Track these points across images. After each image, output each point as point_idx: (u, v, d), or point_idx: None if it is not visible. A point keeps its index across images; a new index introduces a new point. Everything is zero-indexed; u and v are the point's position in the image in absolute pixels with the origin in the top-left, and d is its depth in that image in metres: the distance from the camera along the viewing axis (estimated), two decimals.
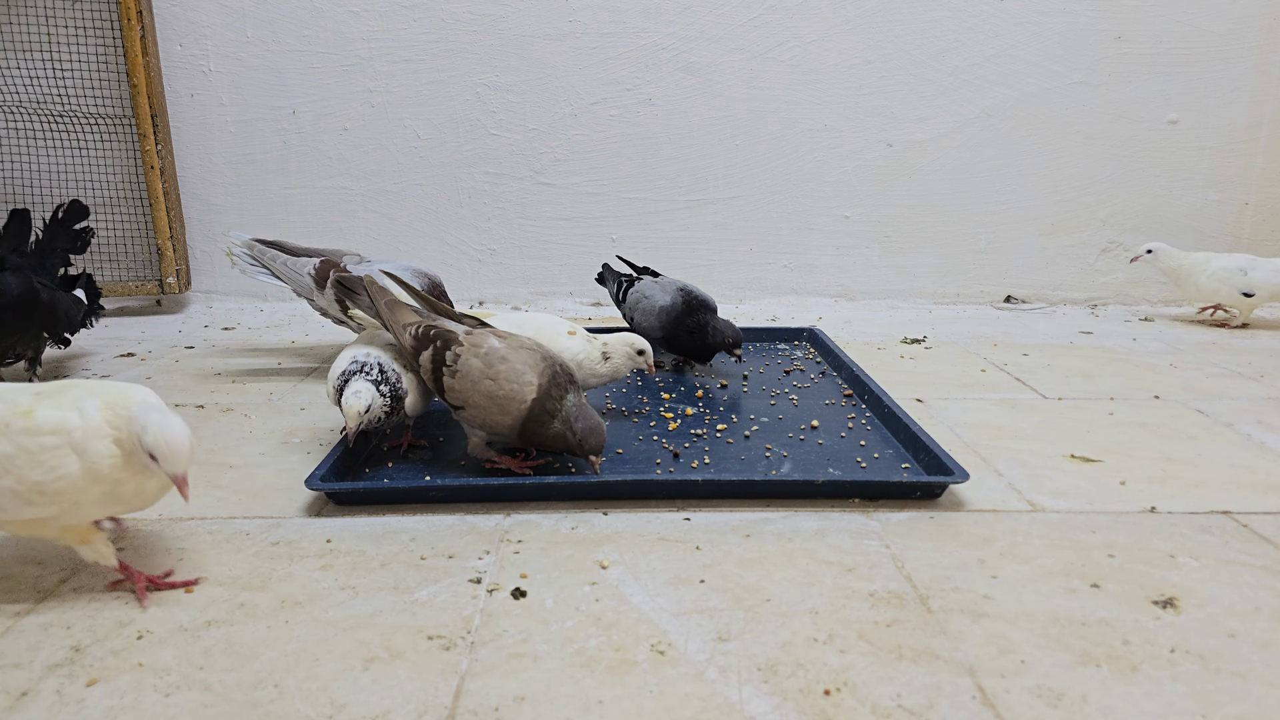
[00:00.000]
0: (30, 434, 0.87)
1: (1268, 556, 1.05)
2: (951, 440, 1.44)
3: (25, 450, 0.87)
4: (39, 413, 0.88)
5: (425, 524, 1.13)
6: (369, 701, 0.78)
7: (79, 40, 2.34)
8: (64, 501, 0.89)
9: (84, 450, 0.88)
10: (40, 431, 0.87)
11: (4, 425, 0.88)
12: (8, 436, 0.87)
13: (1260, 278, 2.22)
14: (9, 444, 0.87)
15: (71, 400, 0.90)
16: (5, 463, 0.87)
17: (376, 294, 1.35)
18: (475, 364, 1.21)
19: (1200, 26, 2.44)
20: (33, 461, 0.87)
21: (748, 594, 0.96)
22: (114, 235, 2.48)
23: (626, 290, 1.86)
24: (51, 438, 0.87)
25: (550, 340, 1.42)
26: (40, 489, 0.87)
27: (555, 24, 2.43)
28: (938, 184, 2.56)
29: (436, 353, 1.24)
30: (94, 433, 0.88)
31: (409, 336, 1.28)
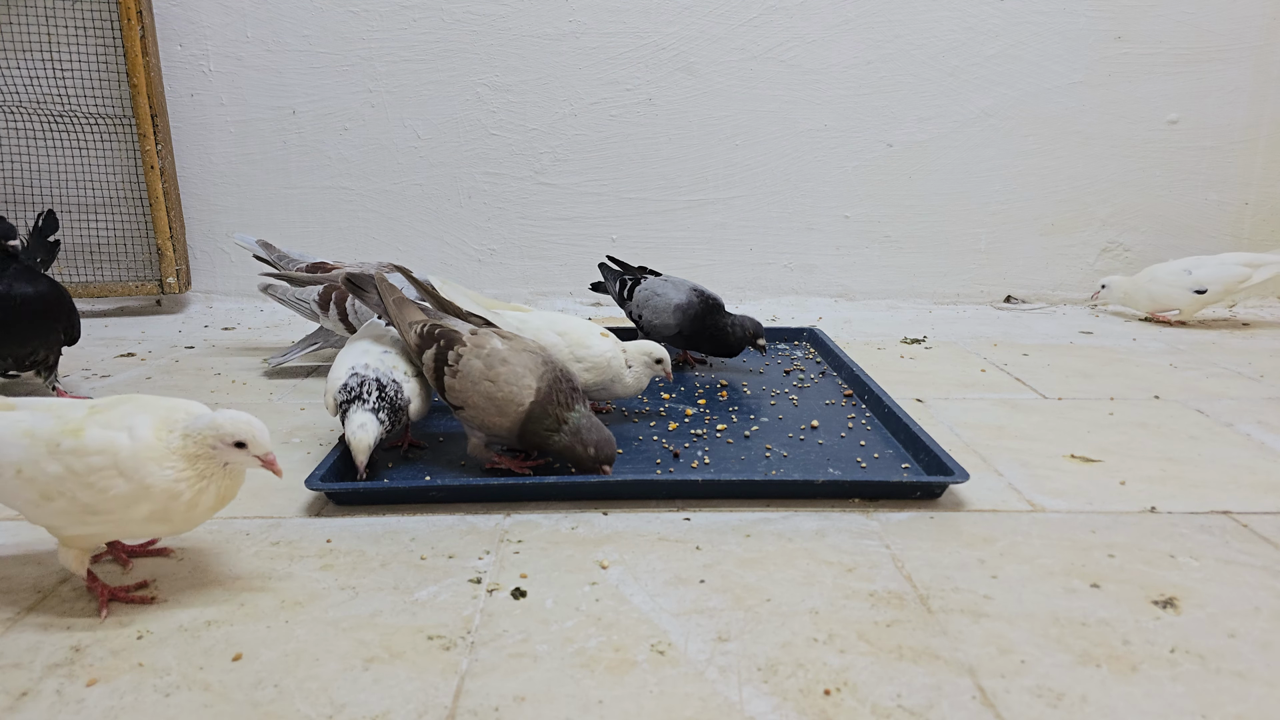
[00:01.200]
0: (78, 455, 0.87)
1: (1268, 556, 1.05)
2: (951, 440, 1.44)
3: (74, 472, 0.87)
4: (88, 432, 0.87)
5: (425, 524, 1.13)
6: (369, 701, 0.78)
7: (79, 40, 2.34)
8: (115, 520, 0.89)
9: (131, 471, 0.87)
10: (88, 452, 0.86)
11: (54, 445, 0.87)
12: (57, 457, 0.87)
13: (1209, 273, 2.23)
14: (59, 465, 0.87)
15: (121, 418, 0.89)
16: (57, 484, 0.87)
17: (385, 291, 1.35)
18: (476, 365, 1.21)
19: (1200, 26, 2.44)
20: (81, 483, 0.87)
21: (748, 594, 0.96)
22: (114, 235, 2.48)
23: (632, 288, 1.86)
24: (99, 458, 0.86)
25: (580, 341, 1.42)
26: (91, 509, 0.87)
27: (555, 24, 2.43)
28: (938, 184, 2.56)
29: (439, 352, 1.24)
30: (144, 453, 0.87)
31: (414, 335, 1.28)
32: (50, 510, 0.88)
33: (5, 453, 0.88)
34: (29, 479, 0.87)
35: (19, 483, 0.88)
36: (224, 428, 0.88)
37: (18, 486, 0.88)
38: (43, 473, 0.87)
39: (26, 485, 0.87)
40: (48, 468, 0.87)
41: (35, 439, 0.88)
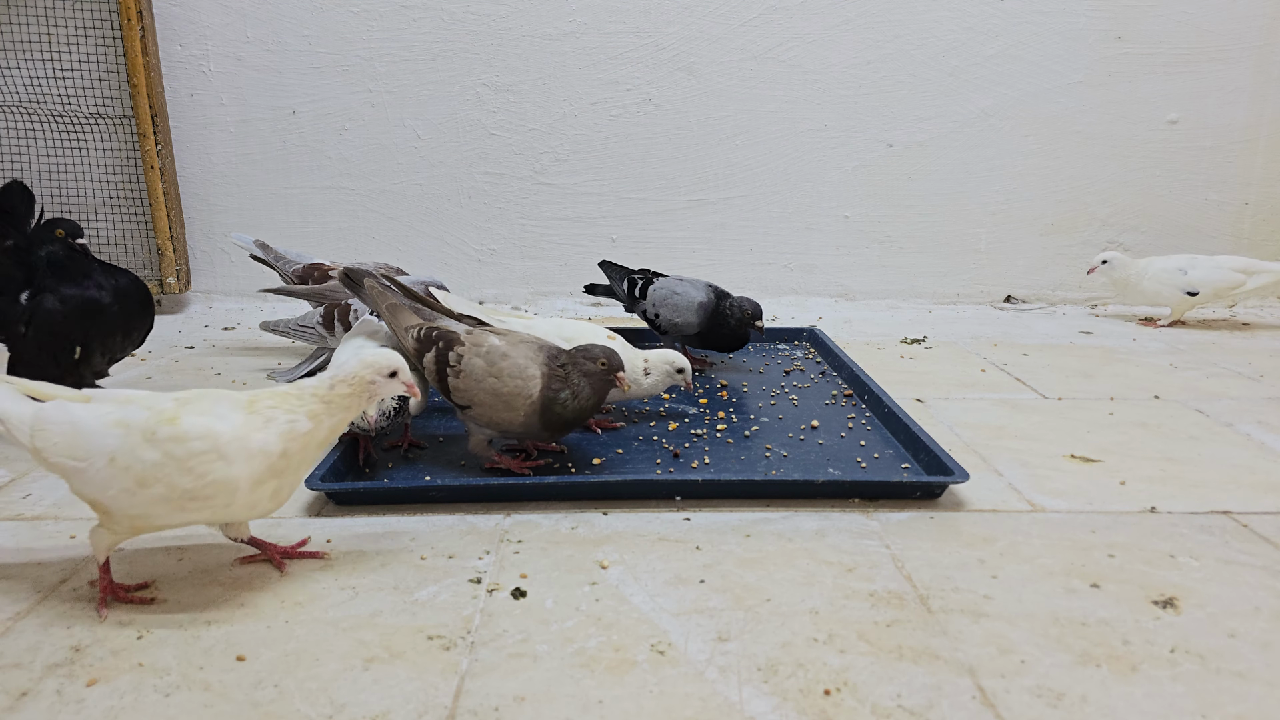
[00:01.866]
0: (178, 441, 0.88)
1: (1268, 556, 1.05)
2: (951, 440, 1.44)
3: (173, 457, 0.88)
4: (184, 419, 0.89)
5: (425, 524, 1.13)
6: (369, 701, 0.78)
7: (79, 40, 2.34)
8: (214, 506, 0.90)
9: (231, 455, 0.88)
10: (188, 438, 0.88)
11: (150, 433, 0.88)
12: (155, 444, 0.88)
13: (1202, 275, 2.22)
14: (157, 452, 0.88)
15: (210, 406, 0.91)
16: (154, 470, 0.88)
17: (377, 298, 1.35)
18: (478, 363, 1.21)
19: (1200, 26, 2.44)
20: (181, 469, 0.88)
21: (748, 594, 0.96)
22: (114, 235, 2.47)
23: (644, 287, 1.85)
24: (199, 443, 0.88)
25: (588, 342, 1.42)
26: (191, 495, 0.88)
27: (555, 24, 2.43)
28: (938, 184, 2.56)
29: (439, 354, 1.24)
30: (241, 431, 0.90)
31: (411, 339, 1.29)
32: (145, 497, 0.88)
33: (99, 442, 0.89)
34: (124, 467, 0.88)
35: (112, 471, 0.88)
36: (380, 363, 0.96)
37: (110, 475, 0.88)
38: (139, 460, 0.88)
39: (121, 473, 0.88)
40: (145, 455, 0.88)
41: (129, 428, 0.89)
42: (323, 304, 1.77)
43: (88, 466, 0.89)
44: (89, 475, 0.89)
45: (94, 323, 1.43)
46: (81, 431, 0.89)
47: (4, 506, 1.19)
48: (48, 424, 0.90)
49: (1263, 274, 2.22)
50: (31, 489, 1.24)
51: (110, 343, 1.47)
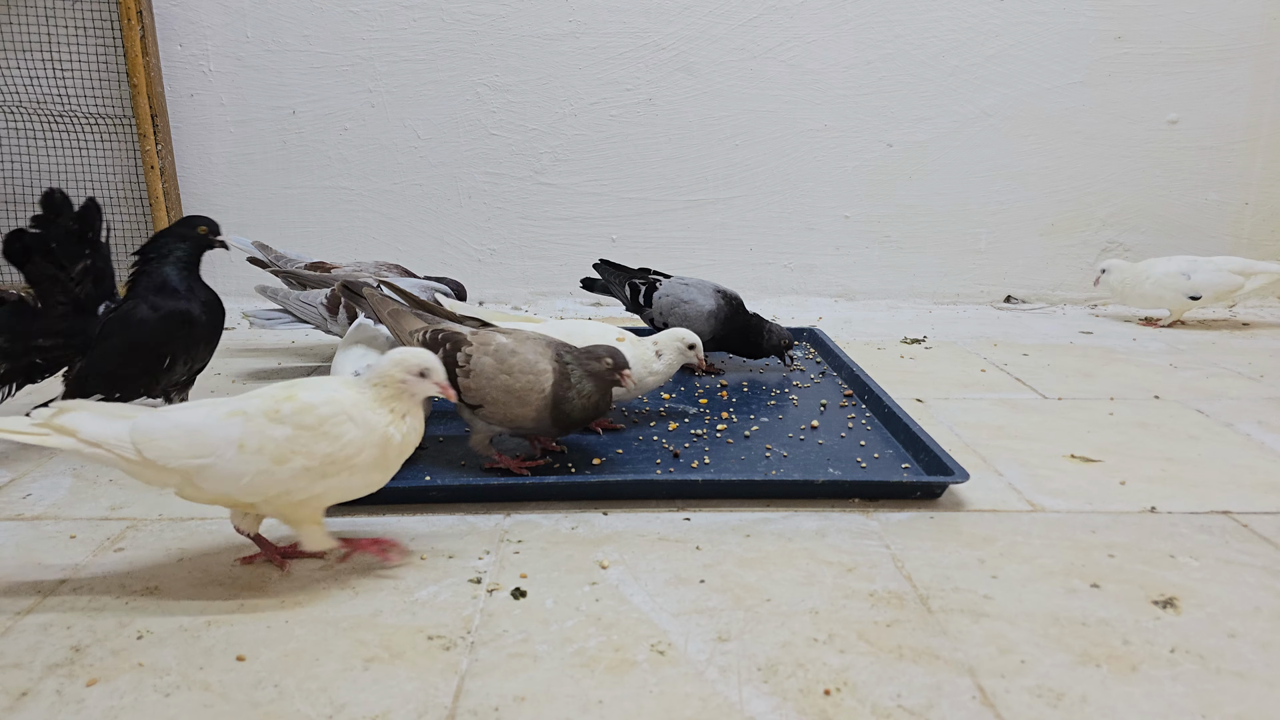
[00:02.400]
0: (305, 412, 0.91)
1: (1268, 556, 1.05)
2: (951, 440, 1.44)
3: (305, 427, 0.91)
4: (301, 394, 0.92)
5: (425, 524, 1.13)
6: (369, 701, 0.78)
7: (79, 40, 2.34)
8: (352, 469, 0.93)
9: (359, 417, 0.93)
10: (314, 406, 0.91)
11: (274, 412, 0.91)
12: (281, 421, 0.90)
13: (1204, 279, 2.22)
14: (286, 428, 0.90)
15: (317, 385, 0.95)
16: (289, 445, 0.90)
17: (379, 305, 1.35)
18: (487, 361, 1.21)
19: (1200, 26, 2.44)
20: (316, 435, 0.91)
21: (748, 594, 0.96)
22: (114, 235, 2.47)
23: (649, 293, 1.84)
24: (326, 408, 0.92)
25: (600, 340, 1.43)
26: (331, 459, 0.91)
27: (555, 24, 2.43)
28: (938, 184, 2.56)
29: (447, 355, 1.24)
30: (360, 402, 0.94)
31: (416, 343, 1.28)
32: (286, 474, 0.90)
33: (220, 433, 0.90)
34: (256, 449, 0.90)
35: (243, 456, 0.89)
36: (408, 360, 0.95)
37: (242, 461, 0.89)
38: (270, 439, 0.90)
39: (254, 456, 0.90)
40: (275, 433, 0.90)
41: (248, 414, 0.91)
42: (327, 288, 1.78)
43: (215, 460, 0.89)
44: (218, 469, 0.90)
45: (186, 332, 1.42)
46: (195, 430, 0.90)
47: (4, 506, 1.19)
48: (154, 434, 0.90)
49: (1260, 275, 2.23)
50: (31, 489, 1.24)
51: (194, 353, 1.47)
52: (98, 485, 1.25)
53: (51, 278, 1.31)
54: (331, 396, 0.93)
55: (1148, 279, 2.28)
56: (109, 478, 1.28)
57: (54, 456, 1.37)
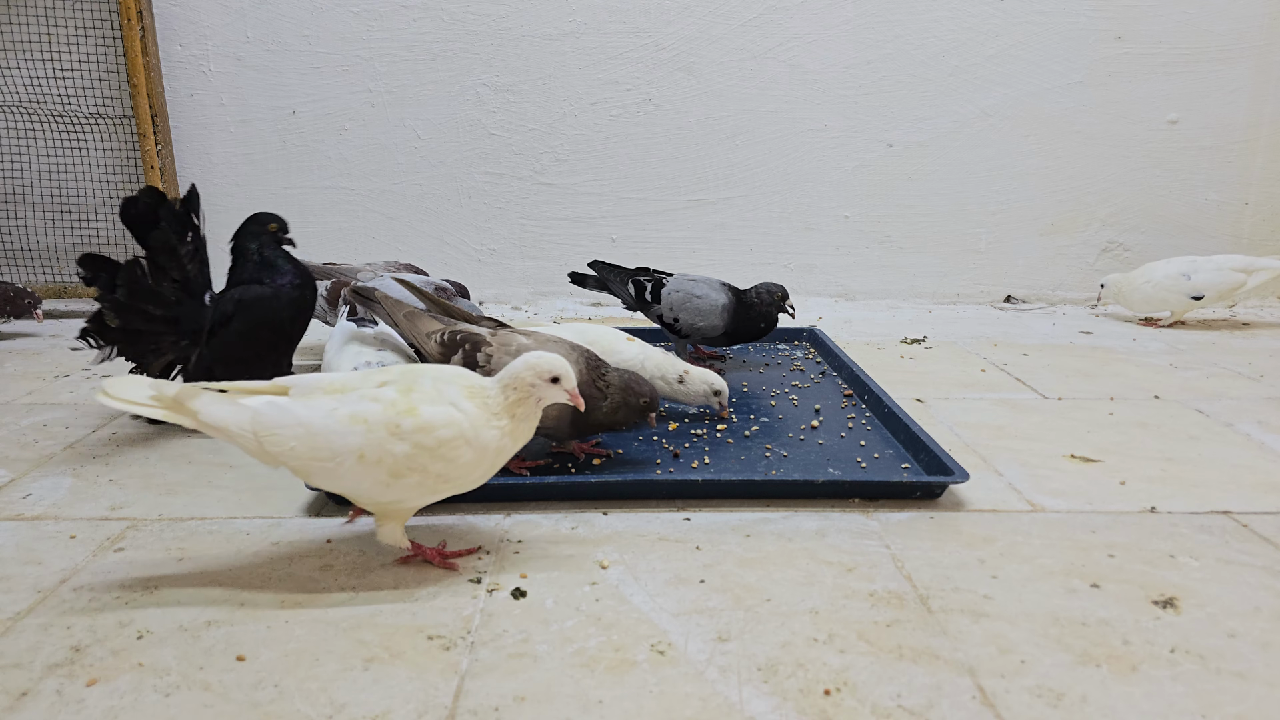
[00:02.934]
0: (425, 432, 0.91)
1: (1268, 556, 1.05)
2: (951, 440, 1.44)
3: (424, 447, 0.91)
4: (423, 410, 0.92)
5: (425, 524, 1.13)
6: (369, 701, 0.78)
7: (79, 40, 2.34)
8: (458, 486, 0.95)
9: (474, 439, 0.93)
10: (434, 428, 0.92)
11: (394, 427, 0.91)
12: (402, 438, 0.91)
13: (1205, 279, 2.23)
14: (406, 444, 0.91)
15: (437, 394, 0.94)
16: (408, 461, 0.91)
17: (392, 308, 1.34)
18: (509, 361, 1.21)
19: (1200, 26, 2.44)
20: (434, 456, 0.92)
21: (748, 594, 0.96)
22: (114, 235, 2.47)
23: (656, 290, 1.84)
24: (446, 431, 0.92)
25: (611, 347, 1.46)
26: (444, 478, 0.93)
27: (555, 24, 2.43)
28: (938, 184, 2.56)
29: (466, 356, 1.23)
30: (477, 420, 0.94)
31: (434, 344, 1.27)
32: (401, 486, 0.93)
33: (341, 441, 0.91)
34: (375, 461, 0.91)
35: (363, 467, 0.91)
36: (541, 366, 0.95)
37: (362, 471, 0.91)
38: (389, 454, 0.91)
39: (373, 468, 0.91)
40: (394, 449, 0.91)
41: (370, 424, 0.91)
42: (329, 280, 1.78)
43: (336, 466, 0.91)
44: (339, 474, 0.92)
45: (299, 312, 1.48)
46: (318, 432, 0.91)
47: (4, 506, 1.19)
48: (276, 428, 0.91)
49: (1261, 271, 2.24)
50: (31, 489, 1.24)
51: (301, 332, 1.53)
52: (98, 485, 1.25)
53: (170, 249, 1.39)
54: (451, 417, 0.92)
55: (1148, 282, 2.28)
56: (109, 478, 1.28)
57: (54, 456, 1.37)
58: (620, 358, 1.44)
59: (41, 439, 1.44)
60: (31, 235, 2.45)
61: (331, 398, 0.94)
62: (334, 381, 0.96)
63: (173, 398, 0.92)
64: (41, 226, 2.45)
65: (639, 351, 1.47)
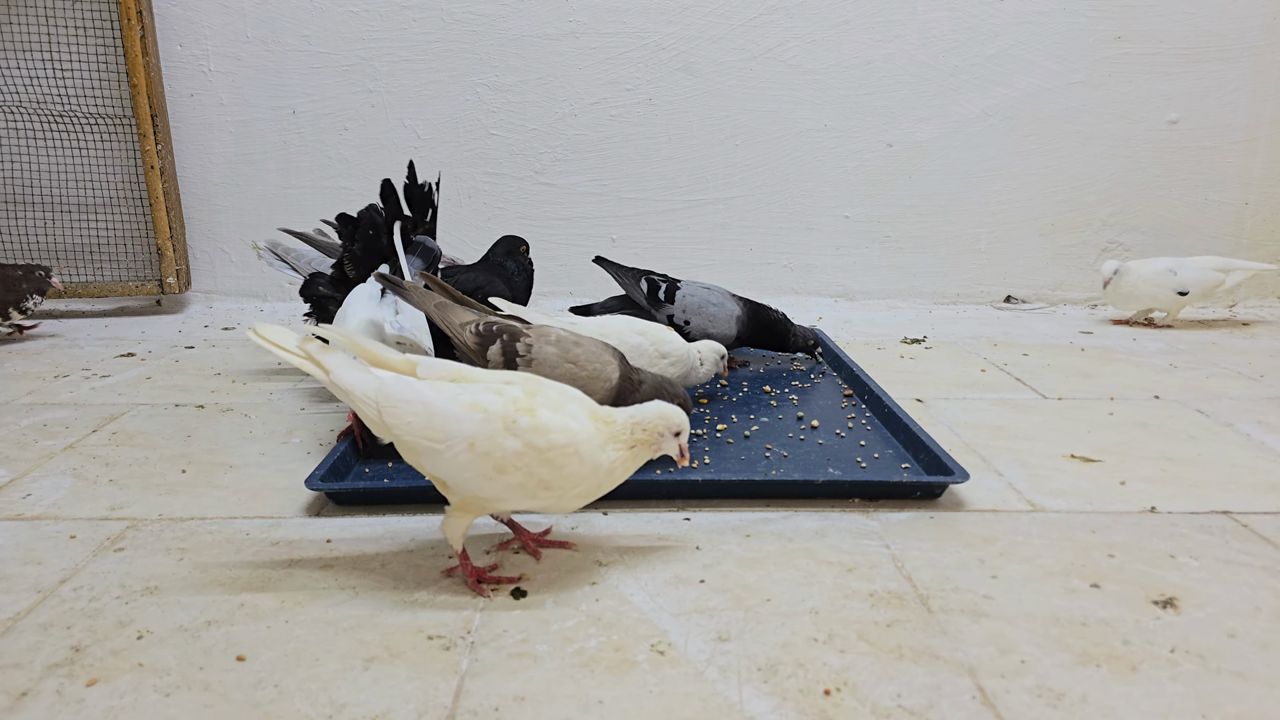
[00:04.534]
0: (539, 433, 0.91)
1: (1268, 556, 1.05)
2: (951, 440, 1.44)
3: (534, 448, 0.91)
4: (540, 413, 0.92)
5: (425, 524, 1.13)
6: (369, 701, 0.78)
7: (79, 40, 2.34)
8: (556, 496, 0.94)
9: (587, 454, 0.93)
10: (549, 430, 0.91)
11: (510, 422, 0.91)
12: (516, 434, 0.91)
13: (1190, 276, 2.26)
14: (518, 441, 0.91)
15: (559, 403, 0.94)
16: (515, 459, 0.91)
17: (424, 298, 1.31)
18: (550, 350, 1.22)
19: (1200, 26, 2.44)
20: (541, 459, 0.91)
21: (748, 594, 0.96)
22: (114, 235, 2.48)
23: (670, 291, 1.85)
24: (559, 436, 0.91)
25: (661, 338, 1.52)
26: (545, 484, 0.92)
27: (555, 24, 2.43)
28: (938, 184, 2.56)
29: (505, 346, 1.23)
30: (594, 439, 0.94)
31: (470, 334, 1.26)
32: (502, 483, 0.92)
33: (457, 426, 0.91)
34: (484, 453, 0.90)
35: (471, 456, 0.91)
36: (673, 419, 0.98)
37: (469, 460, 0.91)
38: (500, 448, 0.90)
39: (480, 459, 0.91)
40: (506, 443, 0.90)
41: (488, 415, 0.91)
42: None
43: (445, 449, 0.91)
44: (445, 458, 0.91)
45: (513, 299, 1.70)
46: (436, 413, 0.91)
47: (4, 506, 1.19)
48: (398, 402, 0.91)
49: (1237, 271, 2.29)
50: (31, 489, 1.24)
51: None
52: (98, 485, 1.25)
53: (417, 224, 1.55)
54: (568, 425, 0.92)
55: (1140, 280, 2.27)
56: (109, 478, 1.28)
57: (54, 456, 1.37)
58: (669, 347, 1.51)
59: (41, 439, 1.45)
60: (31, 235, 2.45)
61: (456, 385, 0.94)
62: (460, 370, 0.97)
63: (313, 351, 0.94)
64: (41, 226, 2.45)
65: (683, 345, 1.55)
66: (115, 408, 1.61)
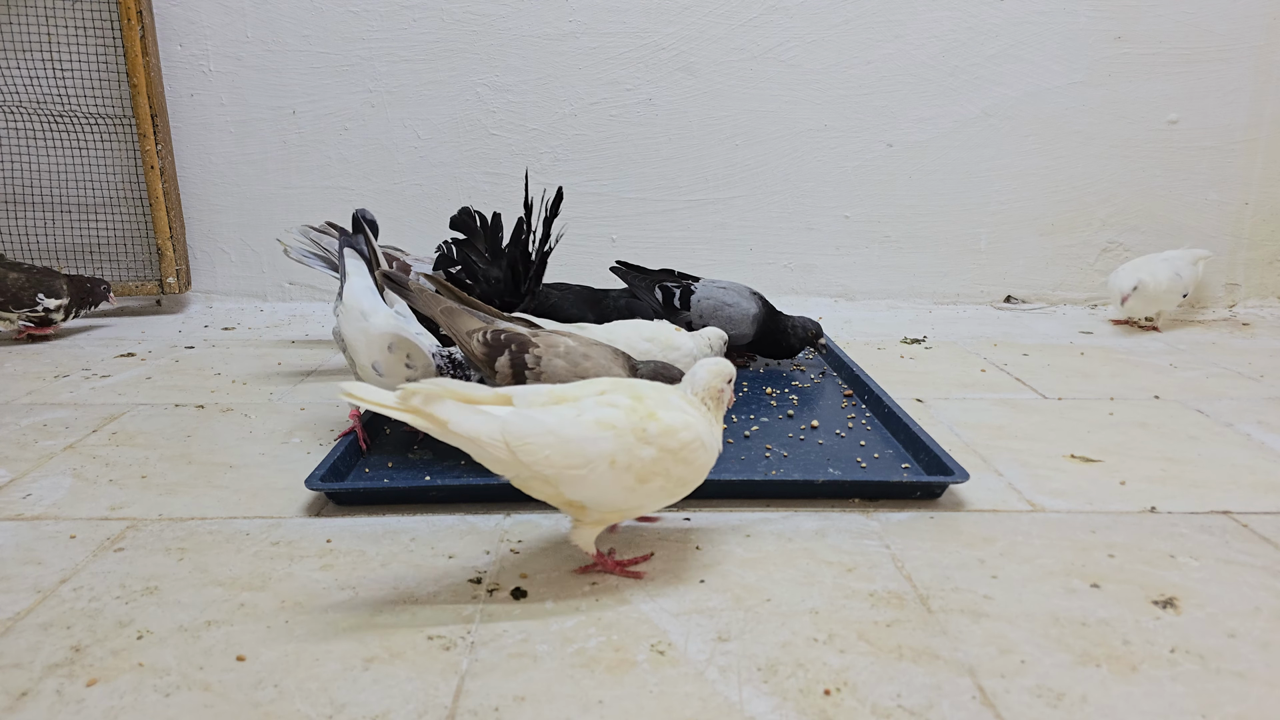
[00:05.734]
0: (669, 435, 0.94)
1: (1268, 556, 1.05)
2: (951, 440, 1.44)
3: (668, 450, 0.93)
4: (662, 415, 0.94)
5: (425, 524, 1.13)
6: (369, 701, 0.78)
7: (79, 40, 2.34)
8: (692, 488, 0.98)
9: (710, 441, 0.97)
10: (676, 431, 0.94)
11: (641, 431, 0.93)
12: (648, 442, 0.93)
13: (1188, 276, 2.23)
14: (653, 449, 0.93)
15: (664, 400, 0.97)
16: (653, 465, 0.93)
17: (429, 302, 1.29)
18: (559, 363, 1.20)
19: (1200, 26, 2.44)
20: (676, 459, 0.94)
21: (748, 594, 0.96)
22: (114, 235, 2.48)
23: (685, 296, 1.84)
24: (686, 434, 0.95)
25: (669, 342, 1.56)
26: (683, 482, 0.96)
27: (555, 24, 2.43)
28: (938, 184, 2.56)
29: (514, 357, 1.21)
30: (703, 424, 0.98)
31: (477, 343, 1.24)
32: (644, 491, 0.94)
33: (593, 448, 0.92)
34: (625, 466, 0.92)
35: (613, 473, 0.92)
36: (723, 370, 1.01)
37: (611, 477, 0.92)
38: (638, 459, 0.92)
39: (623, 474, 0.92)
40: (642, 453, 0.92)
41: (619, 429, 0.93)
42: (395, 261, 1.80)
43: (588, 473, 0.91)
44: (589, 481, 0.92)
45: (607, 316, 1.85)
46: (570, 439, 0.91)
47: (4, 506, 1.19)
48: (529, 437, 0.91)
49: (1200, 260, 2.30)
50: (31, 489, 1.24)
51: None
52: (98, 485, 1.25)
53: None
54: (686, 420, 0.95)
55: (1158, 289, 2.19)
56: (109, 478, 1.28)
57: (54, 456, 1.37)
58: (678, 354, 1.56)
59: (41, 439, 1.45)
60: (31, 235, 2.45)
61: (564, 406, 0.95)
62: (554, 391, 0.97)
63: (421, 405, 0.91)
64: (41, 226, 2.45)
65: (691, 340, 1.60)
66: (115, 408, 1.61)
